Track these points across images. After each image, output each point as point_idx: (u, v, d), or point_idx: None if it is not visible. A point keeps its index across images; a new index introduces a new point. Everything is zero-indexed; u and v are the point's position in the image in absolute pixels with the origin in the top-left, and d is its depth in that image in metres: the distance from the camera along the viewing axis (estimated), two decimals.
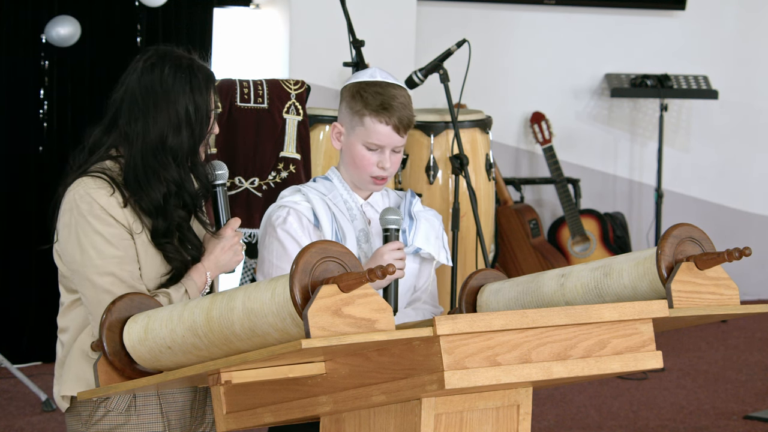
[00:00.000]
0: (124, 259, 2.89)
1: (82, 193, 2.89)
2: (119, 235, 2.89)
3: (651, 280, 2.65)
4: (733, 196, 7.97)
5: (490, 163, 5.47)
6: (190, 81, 2.96)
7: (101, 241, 2.88)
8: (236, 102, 4.33)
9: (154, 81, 2.95)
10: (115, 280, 2.87)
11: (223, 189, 3.08)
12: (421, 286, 3.34)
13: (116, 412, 2.94)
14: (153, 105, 2.94)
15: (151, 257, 2.93)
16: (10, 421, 5.26)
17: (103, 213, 2.88)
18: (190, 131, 2.94)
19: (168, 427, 2.98)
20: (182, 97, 2.94)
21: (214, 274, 3.02)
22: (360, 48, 4.98)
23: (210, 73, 3.02)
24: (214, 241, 3.02)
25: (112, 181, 2.91)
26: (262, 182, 4.35)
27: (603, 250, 7.07)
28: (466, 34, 5.48)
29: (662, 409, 5.64)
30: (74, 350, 2.98)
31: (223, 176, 3.08)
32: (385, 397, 2.36)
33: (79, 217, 2.88)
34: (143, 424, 2.96)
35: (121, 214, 2.90)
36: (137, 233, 2.92)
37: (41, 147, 5.93)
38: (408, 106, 3.21)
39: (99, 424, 2.96)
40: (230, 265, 3.05)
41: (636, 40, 7.64)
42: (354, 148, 3.21)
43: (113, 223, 2.89)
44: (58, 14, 5.88)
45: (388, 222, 3.17)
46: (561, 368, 2.42)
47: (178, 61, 2.98)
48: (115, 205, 2.89)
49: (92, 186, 2.90)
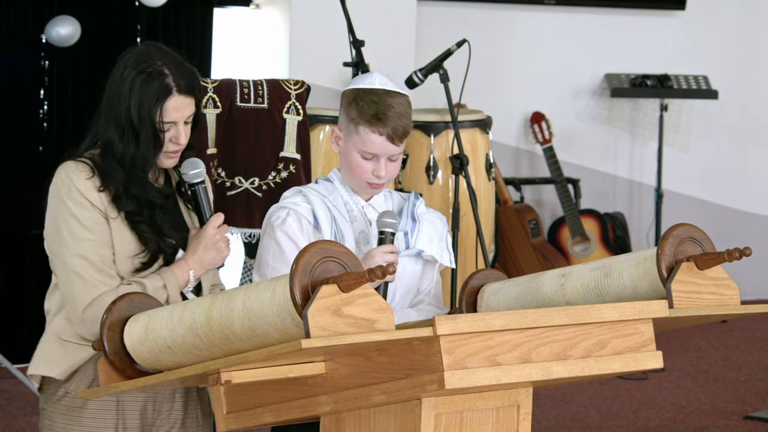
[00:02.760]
0: (97, 243, 2.94)
1: (63, 176, 2.97)
2: (94, 219, 2.94)
3: (651, 280, 2.65)
4: (733, 196, 7.97)
5: (490, 163, 5.47)
6: (142, 89, 2.96)
7: (76, 224, 2.94)
8: (236, 102, 4.33)
9: (115, 80, 3.00)
10: (86, 263, 2.93)
11: (201, 187, 3.07)
12: (424, 288, 3.33)
13: (74, 395, 3.01)
14: (108, 105, 3.01)
15: (126, 240, 2.98)
16: (10, 421, 5.26)
17: (79, 196, 2.94)
18: (136, 141, 2.97)
19: (122, 417, 3.02)
20: (131, 103, 2.96)
21: (198, 273, 3.04)
22: (360, 48, 4.98)
23: (168, 87, 2.97)
24: (197, 239, 3.05)
25: (94, 166, 2.97)
26: (262, 182, 4.35)
27: (603, 250, 7.07)
28: (466, 34, 5.48)
29: (662, 409, 5.64)
30: (48, 331, 3.05)
31: (199, 175, 3.08)
32: (385, 397, 2.36)
33: (58, 199, 2.96)
34: (100, 409, 3.01)
35: (98, 198, 2.95)
36: (113, 218, 2.97)
37: (41, 147, 5.93)
38: (405, 114, 3.19)
39: (59, 403, 3.03)
40: (215, 262, 3.07)
41: (636, 40, 7.64)
42: (350, 154, 3.20)
43: (88, 207, 2.94)
44: (58, 14, 5.88)
45: (383, 225, 3.16)
46: (561, 368, 2.42)
47: (145, 66, 2.98)
48: (92, 188, 2.95)
49: (73, 169, 2.97)
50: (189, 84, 3.01)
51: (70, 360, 3.00)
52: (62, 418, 3.02)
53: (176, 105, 2.99)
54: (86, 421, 3.01)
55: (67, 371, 3.00)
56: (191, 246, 3.05)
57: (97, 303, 2.93)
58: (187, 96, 3.01)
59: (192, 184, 3.08)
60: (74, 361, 3.00)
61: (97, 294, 2.94)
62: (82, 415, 3.01)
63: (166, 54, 3.02)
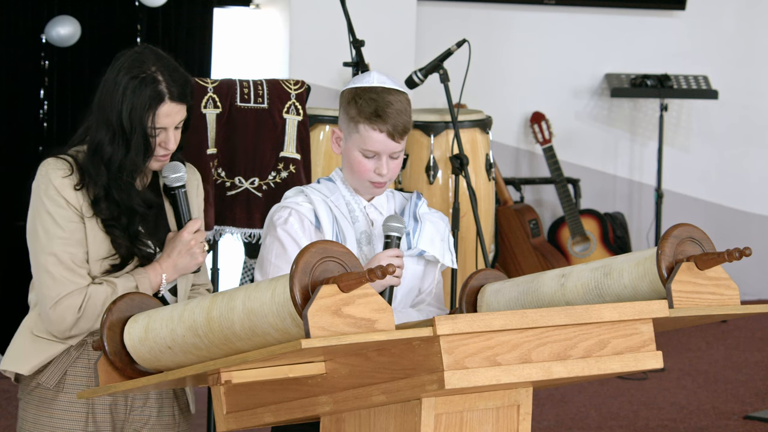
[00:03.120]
0: (69, 242, 2.96)
1: (43, 173, 2.99)
2: (67, 217, 2.96)
3: (651, 280, 2.65)
4: (733, 196, 7.97)
5: (490, 163, 5.47)
6: (134, 94, 2.95)
7: (50, 221, 2.96)
8: (236, 102, 4.33)
9: (109, 83, 3.01)
10: (56, 260, 2.95)
11: (182, 191, 3.07)
12: (425, 288, 3.33)
13: (44, 387, 3.03)
14: (99, 106, 3.01)
15: (99, 240, 2.98)
16: (10, 421, 5.26)
17: (55, 194, 2.96)
18: (126, 146, 2.96)
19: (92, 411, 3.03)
20: (122, 108, 2.95)
21: (171, 277, 3.05)
22: (360, 48, 4.98)
23: (161, 94, 2.96)
24: (172, 243, 3.05)
25: (75, 163, 2.98)
26: (262, 182, 4.35)
27: (603, 250, 7.07)
28: (466, 34, 5.48)
29: (662, 409, 5.64)
30: (22, 325, 3.08)
31: (180, 179, 3.07)
32: (385, 397, 2.36)
33: (37, 196, 2.99)
34: (70, 403, 3.03)
35: (74, 196, 2.97)
36: (88, 217, 2.98)
37: (41, 147, 5.93)
38: (404, 111, 3.19)
39: (31, 394, 3.06)
40: (189, 267, 3.07)
41: (636, 40, 7.64)
42: (351, 154, 3.20)
43: (63, 205, 2.96)
44: (58, 14, 5.88)
45: (390, 229, 3.16)
46: (561, 368, 2.42)
47: (138, 71, 2.97)
48: (68, 186, 2.97)
49: (52, 166, 2.98)
50: (181, 91, 2.99)
51: (40, 356, 3.02)
52: (34, 409, 3.06)
53: (168, 112, 2.98)
54: (56, 413, 3.03)
55: (35, 367, 3.02)
56: (166, 249, 3.05)
57: (63, 301, 2.95)
58: (179, 103, 3.00)
59: (172, 188, 3.07)
60: (43, 357, 3.02)
61: (65, 292, 2.95)
62: (53, 407, 3.03)
63: (160, 59, 3.00)
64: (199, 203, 3.23)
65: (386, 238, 3.16)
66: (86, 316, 2.96)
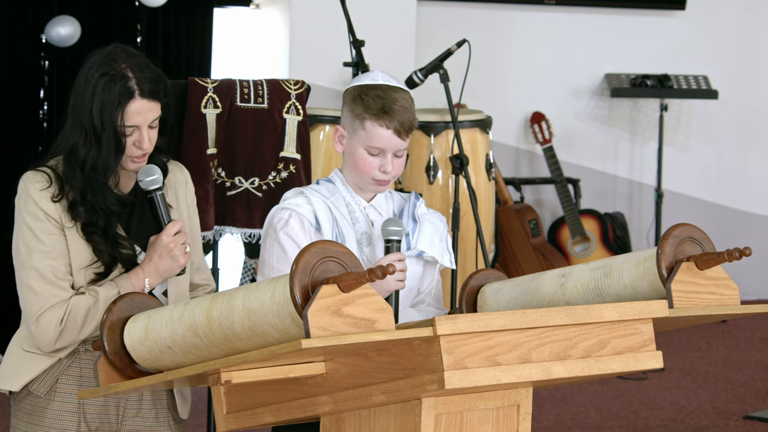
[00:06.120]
0: (49, 255, 2.93)
1: (22, 187, 2.98)
2: (46, 230, 2.94)
3: (651, 280, 2.65)
4: (733, 196, 7.97)
5: (490, 163, 5.47)
6: (104, 92, 2.91)
7: (30, 235, 2.94)
8: (236, 102, 4.33)
9: (80, 82, 2.97)
10: (36, 275, 2.93)
11: (159, 194, 3.01)
12: (424, 288, 3.33)
13: (35, 395, 3.02)
14: (72, 108, 2.97)
15: (81, 249, 2.96)
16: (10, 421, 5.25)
17: (35, 207, 2.94)
18: (98, 146, 2.92)
19: (84, 420, 3.02)
20: (93, 106, 2.92)
21: (154, 281, 3.00)
22: (360, 48, 4.98)
23: (130, 90, 2.92)
24: (153, 247, 3.00)
25: (53, 175, 2.96)
26: (262, 182, 4.35)
27: (603, 250, 7.07)
28: (466, 34, 5.48)
29: (662, 409, 5.64)
30: (13, 339, 3.06)
31: (156, 181, 3.01)
32: (385, 397, 2.36)
33: (18, 211, 2.97)
34: (61, 411, 3.01)
35: (53, 208, 2.94)
36: (68, 227, 2.95)
37: (41, 147, 5.93)
38: (409, 109, 3.19)
39: (23, 402, 3.04)
40: (171, 270, 3.02)
41: (636, 40, 7.64)
42: (356, 151, 3.20)
43: (42, 218, 2.94)
44: (58, 14, 5.88)
45: (389, 233, 3.15)
46: (561, 368, 2.42)
47: (108, 68, 2.93)
48: (46, 198, 2.94)
49: (31, 180, 2.97)
50: (153, 88, 2.95)
51: (30, 372, 3.00)
52: (26, 417, 3.04)
53: (138, 109, 2.93)
54: (47, 422, 3.01)
55: (24, 383, 3.01)
56: (147, 254, 3.01)
57: (44, 315, 2.93)
58: (151, 100, 2.95)
59: (148, 191, 3.01)
60: (34, 373, 3.00)
61: (47, 306, 2.93)
62: (44, 415, 3.01)
63: (131, 56, 2.96)
64: (189, 201, 3.19)
65: (386, 243, 3.15)
66: (69, 328, 2.93)
